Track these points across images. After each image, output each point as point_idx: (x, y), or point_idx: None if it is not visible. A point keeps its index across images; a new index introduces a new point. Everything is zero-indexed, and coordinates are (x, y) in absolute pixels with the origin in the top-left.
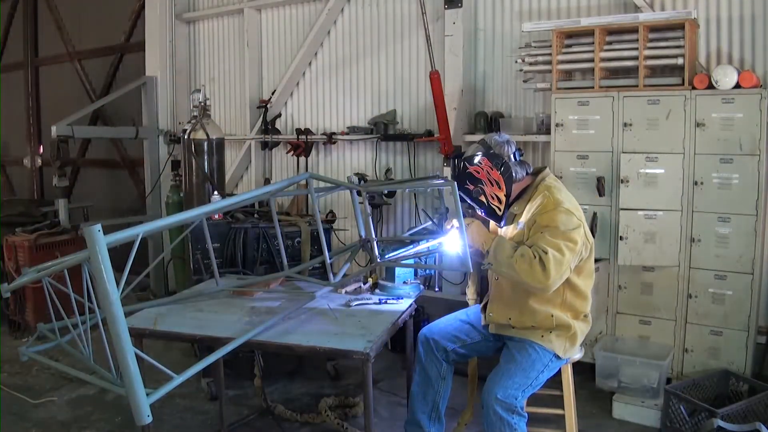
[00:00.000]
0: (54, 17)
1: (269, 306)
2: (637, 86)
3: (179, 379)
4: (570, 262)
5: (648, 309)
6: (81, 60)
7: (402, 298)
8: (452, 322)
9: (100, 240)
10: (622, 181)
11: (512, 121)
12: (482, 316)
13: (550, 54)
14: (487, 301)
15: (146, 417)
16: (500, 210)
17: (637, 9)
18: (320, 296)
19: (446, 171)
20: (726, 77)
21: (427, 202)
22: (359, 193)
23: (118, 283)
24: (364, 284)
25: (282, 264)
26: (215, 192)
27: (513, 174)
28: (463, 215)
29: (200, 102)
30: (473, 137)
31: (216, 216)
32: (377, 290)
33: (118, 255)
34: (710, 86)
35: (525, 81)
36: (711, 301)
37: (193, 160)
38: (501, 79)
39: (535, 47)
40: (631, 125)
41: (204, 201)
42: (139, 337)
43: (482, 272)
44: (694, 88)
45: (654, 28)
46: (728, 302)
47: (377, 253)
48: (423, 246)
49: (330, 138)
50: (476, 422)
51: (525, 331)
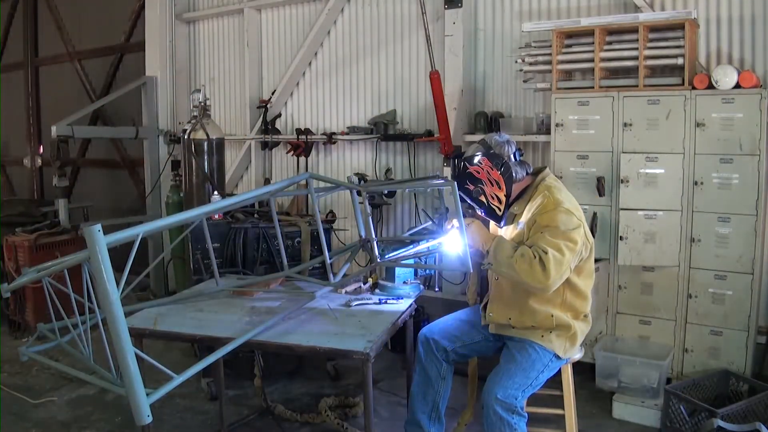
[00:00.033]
0: (54, 17)
1: (269, 306)
2: (637, 86)
3: (179, 379)
4: (570, 262)
5: (648, 309)
6: (81, 60)
7: (402, 298)
8: (452, 322)
9: (100, 240)
10: (622, 181)
11: (512, 121)
12: (482, 316)
13: (550, 54)
14: (487, 301)
15: (146, 417)
16: (500, 210)
17: (637, 9)
18: (320, 296)
19: (446, 171)
20: (726, 77)
21: (427, 202)
22: (359, 193)
23: (118, 283)
24: (364, 284)
25: (282, 264)
26: (215, 192)
27: (513, 174)
28: (463, 215)
29: (200, 102)
30: (473, 137)
31: (216, 216)
32: (377, 290)
33: (118, 255)
34: (710, 86)
35: (525, 81)
36: (711, 301)
37: (193, 160)
38: (501, 79)
39: (535, 47)
40: (631, 125)
41: (204, 201)
42: (139, 337)
43: (482, 272)
44: (694, 88)
45: (654, 28)
46: (728, 302)
47: (377, 253)
48: (423, 246)
49: (330, 138)
50: (476, 422)
51: (525, 331)
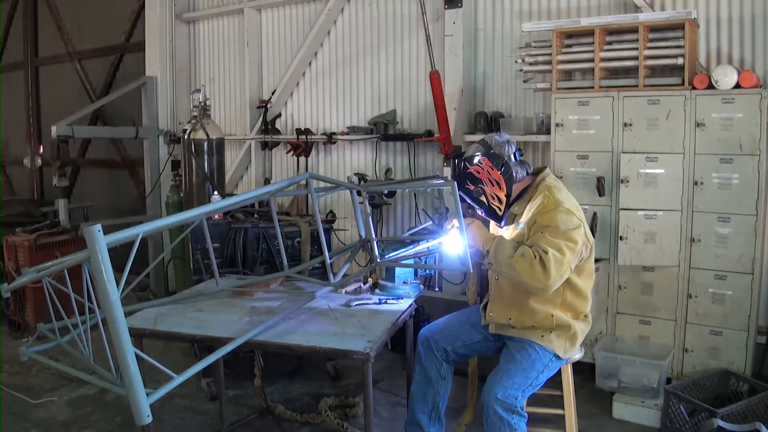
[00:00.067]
0: (54, 17)
1: (269, 306)
2: (637, 86)
3: (179, 379)
4: (570, 262)
5: (648, 309)
6: (81, 60)
7: (402, 298)
8: (452, 322)
9: (100, 240)
10: (622, 181)
11: (512, 121)
12: (482, 316)
13: (550, 54)
14: (487, 301)
15: (146, 417)
16: (501, 210)
17: (637, 9)
18: (320, 296)
19: (446, 171)
20: (726, 77)
21: (427, 202)
22: (359, 193)
23: (118, 283)
24: (364, 284)
25: (282, 264)
26: (215, 192)
27: (513, 174)
28: (464, 215)
29: (200, 102)
30: (473, 137)
31: (216, 216)
32: (377, 290)
33: (118, 255)
34: (710, 86)
35: (525, 81)
36: (711, 301)
37: (193, 160)
38: (501, 79)
39: (535, 47)
40: (631, 125)
41: (204, 201)
42: (139, 337)
43: (482, 272)
44: (694, 88)
45: (654, 28)
46: (728, 302)
47: (377, 253)
48: (423, 246)
49: (330, 138)
50: (476, 422)
51: (525, 331)
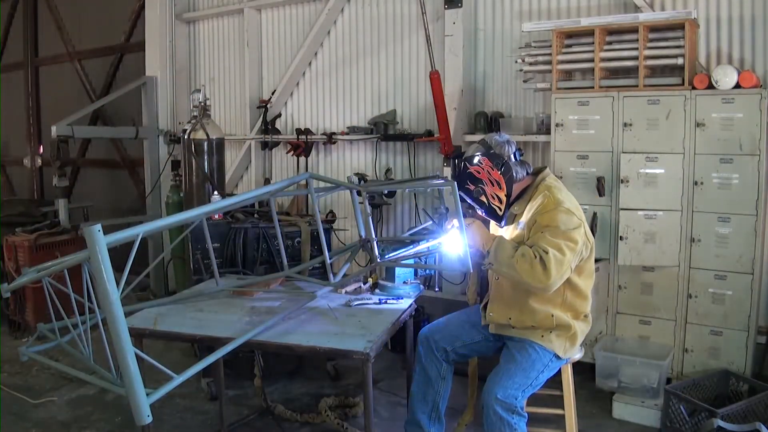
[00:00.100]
0: (54, 17)
1: (269, 306)
2: (637, 86)
3: (179, 379)
4: (571, 262)
5: (648, 309)
6: (81, 60)
7: (402, 298)
8: (452, 322)
9: (100, 240)
10: (622, 181)
11: (512, 121)
12: (482, 316)
13: (550, 54)
14: (487, 301)
15: (146, 417)
16: (501, 210)
17: (637, 9)
18: (320, 296)
19: (446, 171)
20: (726, 77)
21: (427, 202)
22: (359, 193)
23: (118, 283)
24: (364, 284)
25: (282, 264)
26: (215, 192)
27: (513, 174)
28: (464, 215)
29: (200, 102)
30: (473, 137)
31: (216, 216)
32: (377, 290)
33: (118, 255)
34: (710, 86)
35: (525, 81)
36: (711, 301)
37: (193, 160)
38: (501, 79)
39: (535, 47)
40: (631, 125)
41: (204, 201)
42: (139, 337)
43: (482, 272)
44: (694, 88)
45: (654, 28)
46: (728, 302)
47: (377, 253)
48: (423, 246)
49: (330, 138)
50: (476, 422)
51: (525, 331)
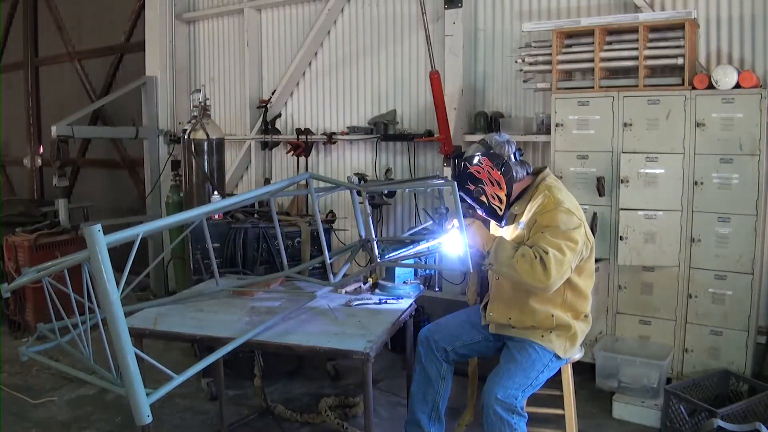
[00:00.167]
0: (54, 17)
1: (269, 306)
2: (637, 86)
3: (179, 379)
4: (571, 262)
5: (648, 309)
6: (81, 60)
7: (402, 298)
8: (452, 322)
9: (100, 240)
10: (622, 181)
11: (512, 121)
12: (482, 316)
13: (550, 54)
14: (487, 301)
15: (146, 417)
16: (501, 210)
17: (637, 9)
18: (320, 296)
19: (446, 171)
20: (726, 77)
21: (427, 202)
22: (359, 193)
23: (118, 283)
24: (364, 284)
25: (282, 264)
26: (215, 192)
27: (514, 174)
28: (464, 215)
29: (200, 102)
30: (473, 137)
31: (216, 216)
32: (377, 290)
33: (118, 255)
34: (710, 86)
35: (525, 81)
36: (711, 301)
37: (193, 160)
38: (501, 79)
39: (535, 47)
40: (631, 125)
41: (204, 201)
42: (139, 337)
43: (482, 272)
44: (694, 88)
45: (654, 28)
46: (728, 302)
47: (377, 253)
48: (423, 246)
49: (330, 138)
50: (476, 422)
51: (525, 331)
